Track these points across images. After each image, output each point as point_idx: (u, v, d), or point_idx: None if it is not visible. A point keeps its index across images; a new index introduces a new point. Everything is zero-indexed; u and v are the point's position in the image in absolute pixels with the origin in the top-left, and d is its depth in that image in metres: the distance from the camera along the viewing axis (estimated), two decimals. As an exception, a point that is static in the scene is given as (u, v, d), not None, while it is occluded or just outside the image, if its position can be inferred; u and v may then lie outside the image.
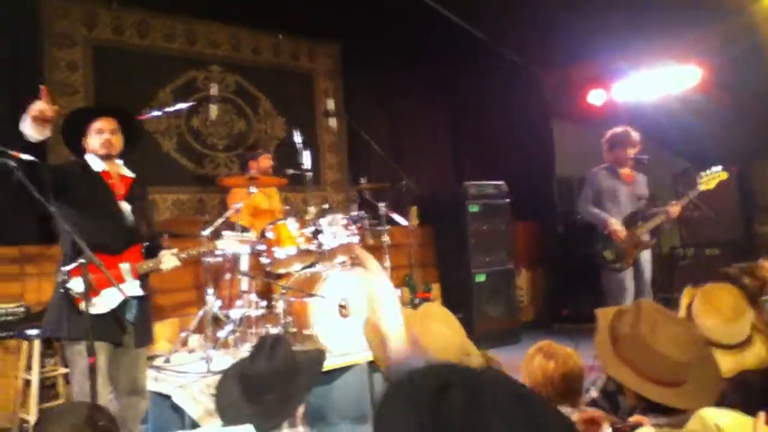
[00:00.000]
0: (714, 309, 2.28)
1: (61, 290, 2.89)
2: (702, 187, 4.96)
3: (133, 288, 3.21)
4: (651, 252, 5.23)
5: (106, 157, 3.27)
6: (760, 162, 6.88)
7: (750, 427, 1.23)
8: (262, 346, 2.22)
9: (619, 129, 5.32)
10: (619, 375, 1.83)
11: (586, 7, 6.00)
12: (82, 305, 2.77)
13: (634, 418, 1.72)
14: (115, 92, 5.46)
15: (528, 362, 2.37)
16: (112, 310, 3.12)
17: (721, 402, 1.75)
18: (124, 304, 3.16)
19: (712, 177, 4.94)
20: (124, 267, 3.17)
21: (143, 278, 3.30)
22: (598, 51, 6.73)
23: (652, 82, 6.90)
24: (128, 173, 3.39)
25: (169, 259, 3.33)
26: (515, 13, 6.73)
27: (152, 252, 3.38)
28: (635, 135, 5.26)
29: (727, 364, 2.15)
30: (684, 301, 2.43)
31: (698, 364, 1.84)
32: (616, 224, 5.07)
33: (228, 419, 2.18)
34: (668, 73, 6.74)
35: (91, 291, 2.90)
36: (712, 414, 1.45)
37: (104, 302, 3.08)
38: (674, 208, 5.01)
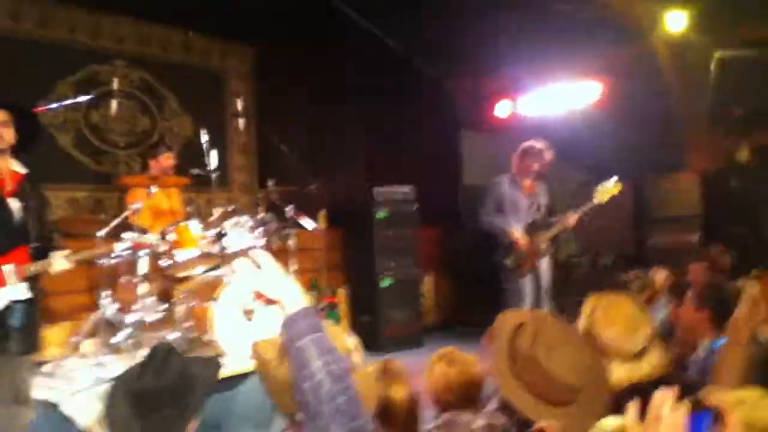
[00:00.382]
0: (614, 319, 2.30)
1: None
2: (596, 200, 5.14)
3: (17, 291, 3.02)
4: (549, 260, 5.42)
5: None
6: (654, 176, 7.25)
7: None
8: (153, 359, 2.11)
9: (534, 142, 5.45)
10: (514, 396, 1.84)
11: (497, 21, 6.18)
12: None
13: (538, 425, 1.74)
14: (8, 82, 5.13)
15: (430, 369, 2.39)
16: None
17: (618, 412, 1.80)
18: (6, 308, 2.97)
19: (607, 190, 5.13)
20: (7, 269, 2.98)
21: (32, 280, 3.12)
22: (507, 64, 6.95)
23: (556, 97, 7.17)
24: (19, 168, 3.20)
25: (59, 262, 3.17)
26: (429, 24, 6.85)
27: (43, 253, 3.21)
28: (548, 153, 5.41)
29: (623, 373, 2.19)
30: (586, 309, 2.47)
31: (591, 385, 1.88)
32: (518, 233, 5.23)
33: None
34: (571, 88, 7.02)
35: None
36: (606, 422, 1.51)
37: None
38: (571, 219, 5.21)
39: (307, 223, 5.71)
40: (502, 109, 7.68)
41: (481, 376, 2.34)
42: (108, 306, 4.47)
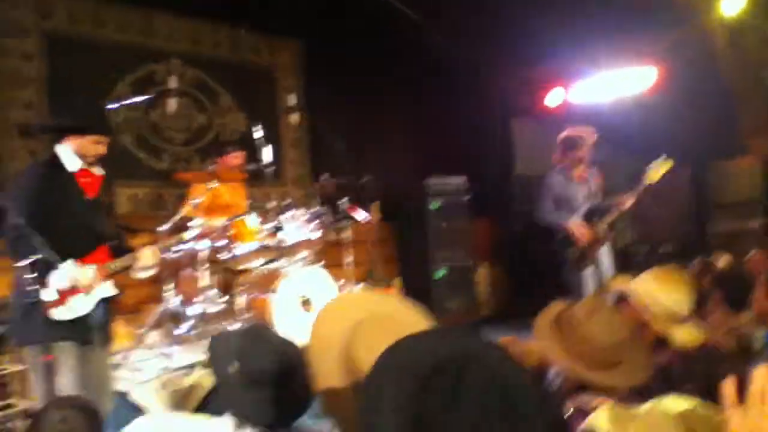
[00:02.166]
0: (674, 284, 2.51)
1: (28, 300, 2.79)
2: (648, 179, 4.98)
3: (105, 290, 3.15)
4: (608, 248, 5.33)
5: (85, 161, 3.22)
6: (714, 162, 7.06)
7: (703, 411, 1.26)
8: (260, 336, 2.11)
9: (574, 130, 5.38)
10: (558, 359, 1.96)
11: (547, 7, 6.09)
12: (51, 312, 2.70)
13: (598, 401, 1.76)
14: (71, 83, 5.32)
15: None
16: None
17: (646, 390, 1.85)
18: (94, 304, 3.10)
19: (658, 167, 4.98)
20: (91, 269, 3.08)
21: (112, 278, 3.24)
22: (558, 51, 6.83)
23: (609, 84, 7.04)
24: (100, 171, 3.32)
25: (145, 254, 3.28)
26: (476, 14, 6.79)
27: (118, 250, 3.32)
28: (591, 136, 5.33)
29: (681, 336, 2.38)
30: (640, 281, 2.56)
31: (629, 348, 1.99)
32: (579, 227, 5.12)
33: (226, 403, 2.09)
34: (625, 74, 6.88)
35: (62, 295, 2.83)
36: (672, 400, 1.49)
37: (71, 310, 3.00)
38: (627, 201, 5.06)
39: (361, 215, 5.75)
40: (553, 98, 7.57)
41: (545, 363, 2.35)
42: (171, 298, 4.62)
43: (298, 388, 1.88)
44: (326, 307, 1.77)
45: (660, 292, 2.48)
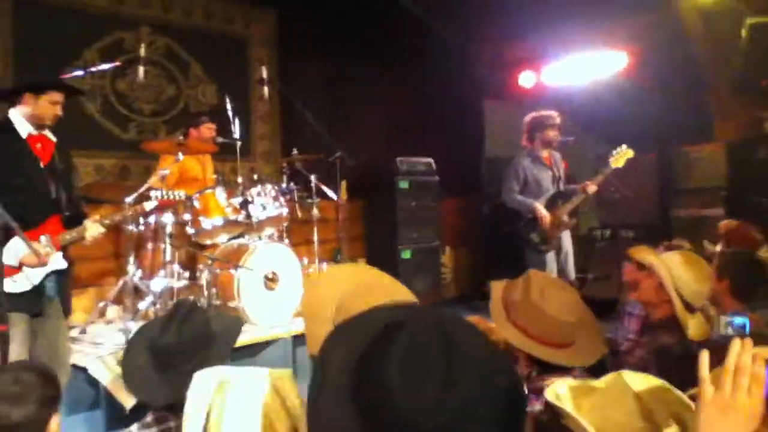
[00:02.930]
0: (700, 274, 2.61)
1: None
2: (612, 164, 5.10)
3: (56, 261, 3.10)
4: (570, 233, 5.41)
5: (41, 125, 3.15)
6: (679, 146, 7.15)
7: (661, 390, 1.29)
8: (175, 314, 2.15)
9: (541, 112, 5.43)
10: (513, 338, 1.95)
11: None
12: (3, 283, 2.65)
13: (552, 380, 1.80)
14: (36, 49, 5.20)
15: None
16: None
17: (643, 368, 1.88)
18: (45, 276, 3.06)
19: (621, 154, 5.10)
20: (44, 239, 3.03)
21: (64, 249, 3.19)
22: (531, 32, 6.83)
23: (581, 66, 7.06)
24: (52, 137, 3.26)
25: (92, 227, 3.22)
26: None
27: (73, 221, 3.26)
28: (557, 117, 5.38)
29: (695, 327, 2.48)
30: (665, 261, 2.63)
31: (583, 326, 2.01)
32: (542, 210, 5.20)
33: (134, 387, 2.13)
34: (597, 57, 6.91)
35: (8, 269, 2.77)
36: (630, 376, 1.53)
37: (26, 278, 2.96)
38: (591, 187, 5.17)
39: (330, 192, 5.75)
40: (526, 79, 7.58)
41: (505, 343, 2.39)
42: (134, 272, 4.58)
43: (209, 360, 1.91)
44: (316, 278, 1.83)
45: (688, 278, 2.56)
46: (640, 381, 1.34)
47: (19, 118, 3.12)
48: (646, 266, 2.65)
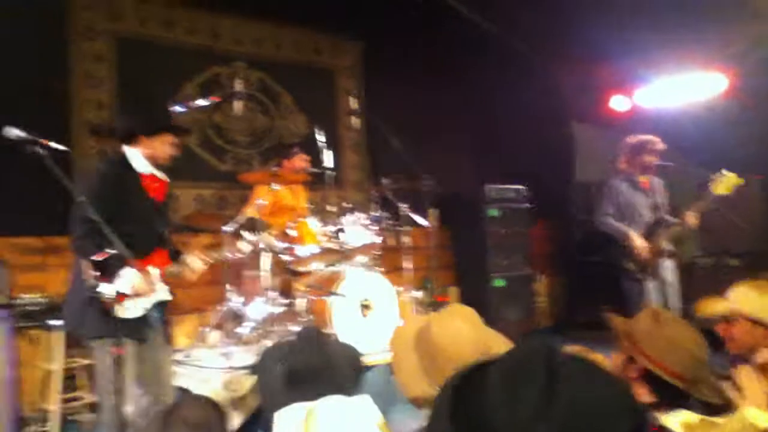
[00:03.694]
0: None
1: (91, 294, 2.86)
2: (715, 192, 4.75)
3: (162, 292, 3.23)
4: (673, 261, 5.18)
5: (155, 164, 3.29)
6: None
7: None
8: (306, 338, 2.21)
9: (642, 136, 5.26)
10: (648, 364, 1.92)
11: (609, 8, 5.95)
12: (115, 309, 2.76)
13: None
14: (140, 85, 5.47)
15: None
16: None
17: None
18: (152, 305, 3.18)
19: (724, 181, 4.72)
20: (154, 272, 3.15)
21: (167, 281, 3.31)
22: (621, 54, 6.67)
23: (676, 89, 6.84)
24: (164, 177, 3.39)
25: (195, 262, 3.34)
26: (537, 10, 6.67)
27: (176, 253, 3.39)
28: (660, 143, 5.20)
29: None
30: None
31: (706, 364, 1.97)
32: (638, 240, 5.01)
33: (270, 402, 2.18)
34: (693, 79, 6.67)
35: (121, 296, 2.90)
36: (755, 414, 1.45)
37: (128, 310, 3.07)
38: (691, 218, 4.90)
39: (419, 220, 5.75)
40: (617, 102, 7.40)
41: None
42: (233, 299, 4.70)
43: (342, 386, 1.95)
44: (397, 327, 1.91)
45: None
46: (766, 419, 1.27)
47: (136, 155, 3.25)
48: (726, 316, 2.51)
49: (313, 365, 2.10)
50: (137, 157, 3.25)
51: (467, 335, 1.84)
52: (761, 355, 2.41)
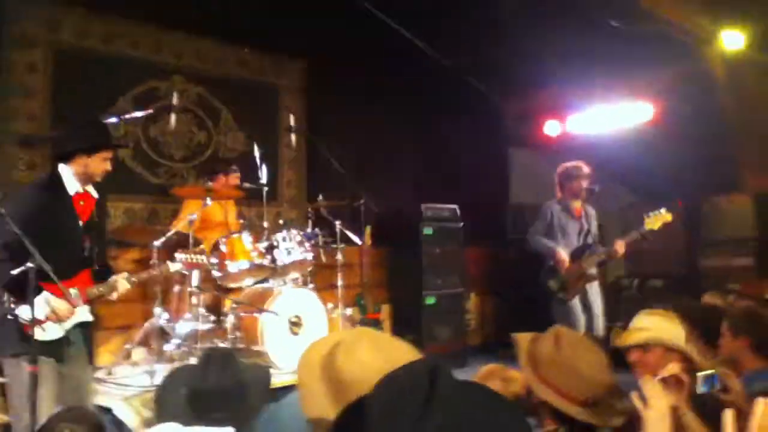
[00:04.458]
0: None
1: (9, 317, 2.78)
2: (647, 227, 5.03)
3: (82, 313, 3.15)
4: (598, 285, 5.36)
5: (87, 182, 3.22)
6: (706, 197, 7.09)
7: None
8: (211, 360, 2.18)
9: (570, 163, 5.46)
10: (546, 395, 1.93)
11: (548, 38, 6.15)
12: (34, 331, 2.69)
13: None
14: (73, 97, 5.37)
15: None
16: None
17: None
18: (72, 327, 3.11)
19: (658, 218, 5.03)
20: (73, 292, 3.05)
21: (90, 302, 3.24)
22: (557, 82, 6.90)
23: (607, 116, 7.09)
24: (94, 194, 3.31)
25: (121, 283, 3.27)
26: (479, 40, 6.85)
27: (101, 274, 3.31)
28: (586, 168, 5.40)
29: None
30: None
31: (609, 386, 1.98)
32: (562, 254, 5.20)
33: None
34: (622, 108, 6.94)
35: (38, 320, 2.82)
36: None
37: (47, 332, 2.97)
38: (620, 247, 5.11)
39: (354, 238, 5.78)
40: (551, 128, 7.64)
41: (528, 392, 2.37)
42: (160, 315, 4.62)
43: (245, 409, 1.93)
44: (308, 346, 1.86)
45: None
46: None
47: (69, 175, 3.16)
48: (640, 345, 2.62)
49: (218, 388, 2.08)
50: (69, 177, 3.16)
51: (375, 367, 1.81)
52: (666, 370, 2.49)
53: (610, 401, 1.98)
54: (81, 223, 3.20)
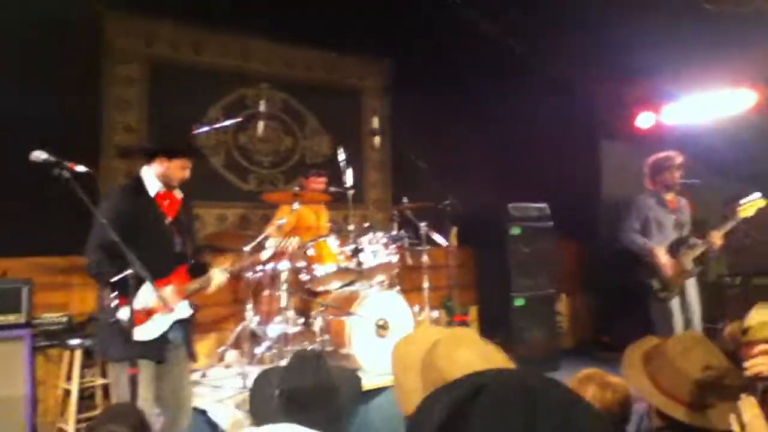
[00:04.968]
0: None
1: (111, 320, 2.92)
2: (741, 214, 4.81)
3: (181, 311, 3.27)
4: (696, 281, 5.09)
5: (167, 185, 3.36)
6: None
7: None
8: (303, 361, 2.21)
9: (661, 154, 5.21)
10: (641, 388, 1.94)
11: (638, 25, 5.89)
12: (135, 332, 2.81)
13: None
14: (168, 108, 5.60)
15: (579, 392, 2.33)
16: None
17: None
18: (171, 324, 3.23)
19: (751, 204, 4.80)
20: (169, 290, 3.18)
21: (188, 298, 3.35)
22: (650, 71, 6.60)
23: (704, 105, 6.72)
24: (178, 194, 3.46)
25: (217, 276, 3.39)
26: (566, 29, 6.64)
27: (198, 270, 3.44)
28: (679, 158, 5.14)
29: None
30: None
31: (724, 390, 1.90)
32: (663, 256, 4.95)
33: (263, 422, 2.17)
34: (721, 96, 6.55)
35: (138, 317, 2.94)
36: None
37: (153, 327, 3.14)
38: (716, 238, 4.87)
39: (439, 239, 5.73)
40: (645, 119, 7.30)
41: (631, 397, 2.28)
42: (251, 318, 4.73)
43: (337, 410, 1.94)
44: (400, 340, 1.84)
45: None
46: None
47: (151, 176, 3.32)
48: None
49: (311, 389, 2.10)
50: (151, 179, 3.31)
51: (474, 367, 1.80)
52: None
53: (726, 404, 1.87)
54: (168, 219, 3.33)
